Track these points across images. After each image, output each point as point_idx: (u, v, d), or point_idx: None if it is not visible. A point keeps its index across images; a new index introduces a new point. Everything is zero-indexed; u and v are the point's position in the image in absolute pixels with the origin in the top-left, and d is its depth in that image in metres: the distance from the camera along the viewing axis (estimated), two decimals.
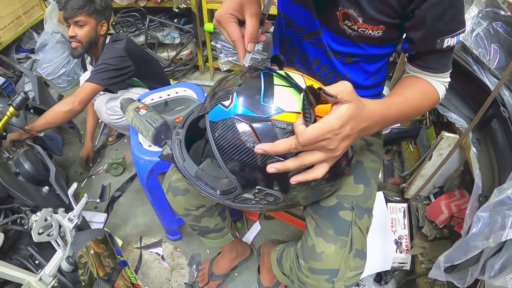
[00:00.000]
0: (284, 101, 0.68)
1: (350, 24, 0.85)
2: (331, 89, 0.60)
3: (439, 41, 0.80)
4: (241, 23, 0.81)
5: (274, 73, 0.73)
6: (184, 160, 0.82)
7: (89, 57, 2.16)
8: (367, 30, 0.85)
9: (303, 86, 0.70)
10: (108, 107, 2.02)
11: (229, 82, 0.74)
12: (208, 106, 0.73)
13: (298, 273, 0.99)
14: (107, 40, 2.00)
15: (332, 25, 0.90)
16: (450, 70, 0.88)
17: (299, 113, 0.65)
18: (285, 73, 0.72)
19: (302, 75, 0.76)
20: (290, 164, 0.66)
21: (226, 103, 0.69)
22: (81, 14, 1.84)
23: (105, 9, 1.92)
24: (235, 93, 0.69)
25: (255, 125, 0.66)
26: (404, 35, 0.87)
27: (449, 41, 0.80)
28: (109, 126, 2.59)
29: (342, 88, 0.60)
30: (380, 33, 0.85)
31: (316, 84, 0.72)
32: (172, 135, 0.88)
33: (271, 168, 0.67)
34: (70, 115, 1.75)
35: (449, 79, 0.90)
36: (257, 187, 0.75)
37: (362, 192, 0.99)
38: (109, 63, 1.83)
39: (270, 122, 0.66)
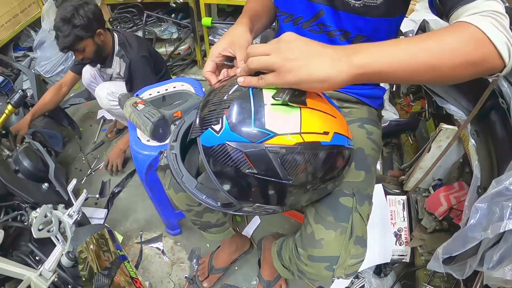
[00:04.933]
0: (276, 122, 0.67)
1: None
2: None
3: None
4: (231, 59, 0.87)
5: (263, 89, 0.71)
6: (182, 176, 0.82)
7: None
8: None
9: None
10: (109, 92, 2.02)
11: (218, 98, 0.73)
12: (198, 129, 0.72)
13: (297, 262, 0.98)
14: (116, 40, 1.99)
15: (336, 1, 0.91)
16: None
17: (293, 134, 0.67)
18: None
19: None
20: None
21: (217, 127, 0.68)
22: (74, 46, 1.80)
23: (91, 22, 1.80)
24: (224, 117, 0.68)
25: (248, 151, 0.67)
26: None
27: None
28: (109, 119, 2.61)
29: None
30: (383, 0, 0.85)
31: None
32: (167, 148, 0.88)
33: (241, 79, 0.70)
34: None
35: (497, 8, 0.63)
36: (255, 204, 0.76)
37: (363, 179, 0.98)
38: (143, 77, 1.92)
39: (263, 149, 0.67)
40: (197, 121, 0.73)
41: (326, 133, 0.72)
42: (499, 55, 0.60)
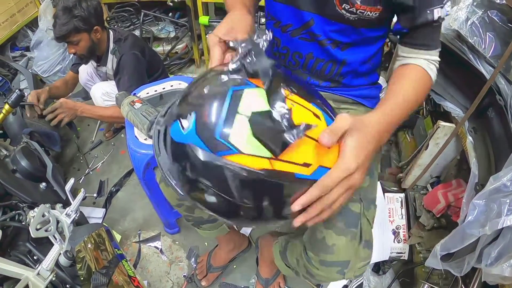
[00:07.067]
0: (244, 138, 0.58)
1: (348, 7, 0.85)
2: (331, 128, 0.61)
3: (429, 11, 0.81)
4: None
5: (245, 91, 0.61)
6: (159, 155, 0.70)
7: None
8: (366, 12, 0.85)
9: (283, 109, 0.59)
10: (104, 93, 2.02)
11: (199, 90, 0.67)
12: (172, 116, 0.66)
13: (307, 265, 0.99)
14: (111, 38, 1.99)
15: (328, 11, 0.90)
16: (440, 49, 0.89)
17: (261, 157, 0.57)
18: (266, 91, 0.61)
19: (286, 97, 0.62)
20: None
21: (185, 123, 0.61)
22: (69, 36, 1.81)
23: (91, 17, 1.82)
24: (194, 115, 0.61)
25: (206, 160, 0.59)
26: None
27: (439, 12, 0.81)
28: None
29: (339, 120, 0.62)
30: (377, 14, 0.85)
31: (302, 110, 0.63)
32: (154, 123, 0.79)
33: (296, 205, 0.62)
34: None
35: (438, 58, 0.89)
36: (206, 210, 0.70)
37: (368, 184, 0.99)
38: (131, 74, 1.89)
39: (221, 164, 0.58)
40: (174, 108, 0.68)
41: (306, 165, 0.61)
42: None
